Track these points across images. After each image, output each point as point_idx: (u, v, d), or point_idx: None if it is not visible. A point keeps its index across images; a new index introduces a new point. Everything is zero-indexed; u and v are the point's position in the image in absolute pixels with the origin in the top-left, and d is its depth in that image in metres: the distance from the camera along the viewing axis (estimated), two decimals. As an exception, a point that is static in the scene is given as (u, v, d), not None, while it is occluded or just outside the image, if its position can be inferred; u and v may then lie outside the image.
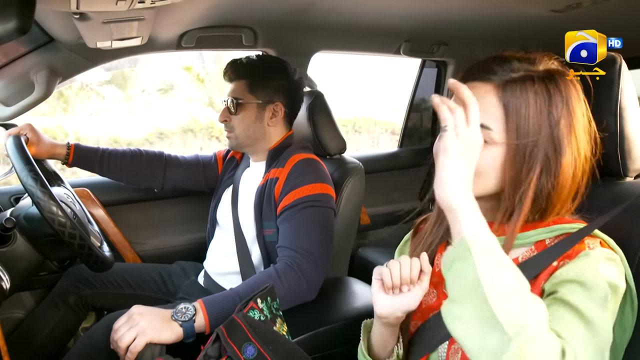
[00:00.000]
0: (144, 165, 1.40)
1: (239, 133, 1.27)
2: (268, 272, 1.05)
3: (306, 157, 1.22)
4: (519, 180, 0.65)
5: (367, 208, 2.02)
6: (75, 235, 0.94)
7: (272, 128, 1.28)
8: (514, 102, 0.65)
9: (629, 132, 0.78)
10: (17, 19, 0.56)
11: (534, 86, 0.65)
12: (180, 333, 0.90)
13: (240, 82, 1.27)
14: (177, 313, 0.92)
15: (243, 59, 1.30)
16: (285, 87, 1.29)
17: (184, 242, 1.66)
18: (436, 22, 1.52)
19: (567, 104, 0.65)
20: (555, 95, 0.65)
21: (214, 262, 1.33)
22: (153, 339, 0.86)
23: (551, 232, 0.67)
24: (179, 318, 0.91)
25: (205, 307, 0.94)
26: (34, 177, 0.93)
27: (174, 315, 0.91)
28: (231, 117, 1.27)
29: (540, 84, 0.65)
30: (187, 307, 0.93)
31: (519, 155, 0.65)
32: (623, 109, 0.78)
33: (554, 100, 0.65)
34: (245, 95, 1.26)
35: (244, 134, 1.27)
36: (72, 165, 1.33)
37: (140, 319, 0.88)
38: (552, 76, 0.66)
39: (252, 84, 1.26)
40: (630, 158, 0.79)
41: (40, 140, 1.23)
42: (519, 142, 0.64)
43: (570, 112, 0.65)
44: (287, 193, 1.15)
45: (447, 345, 0.71)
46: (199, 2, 1.14)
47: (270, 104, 1.27)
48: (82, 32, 1.04)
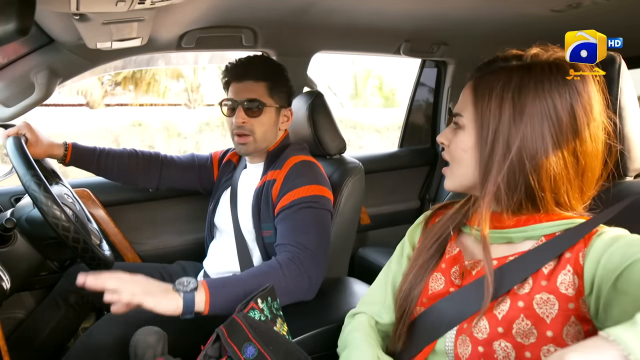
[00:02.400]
0: (140, 166, 1.40)
1: (258, 137, 1.24)
2: (270, 263, 1.04)
3: (303, 159, 1.22)
4: (487, 166, 0.66)
5: (367, 208, 2.02)
6: (78, 239, 0.95)
7: (280, 132, 1.30)
8: (482, 90, 0.68)
9: (628, 132, 0.78)
10: (17, 20, 0.57)
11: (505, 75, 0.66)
12: (180, 306, 0.87)
13: (259, 84, 1.22)
14: (179, 284, 0.90)
15: (259, 59, 1.27)
16: (290, 92, 1.30)
17: (184, 242, 1.66)
18: (436, 22, 1.52)
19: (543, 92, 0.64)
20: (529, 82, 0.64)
21: (214, 263, 1.33)
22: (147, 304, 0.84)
23: (558, 226, 0.66)
24: (180, 289, 0.89)
25: (207, 286, 0.93)
26: (37, 182, 0.93)
27: (175, 286, 0.90)
28: (250, 120, 1.22)
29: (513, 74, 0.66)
30: (190, 280, 0.91)
31: (483, 140, 0.67)
32: (623, 109, 0.78)
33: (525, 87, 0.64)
34: (266, 98, 1.23)
35: (262, 138, 1.25)
36: (69, 165, 1.33)
37: (139, 282, 0.87)
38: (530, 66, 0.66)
39: (272, 87, 1.23)
40: (630, 158, 0.79)
41: (38, 140, 1.23)
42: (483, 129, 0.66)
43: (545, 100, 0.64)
44: (284, 194, 1.15)
45: (455, 335, 0.69)
46: (199, 2, 1.14)
47: (284, 108, 1.28)
48: (82, 33, 1.04)
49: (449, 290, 0.73)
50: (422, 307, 0.75)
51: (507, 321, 0.64)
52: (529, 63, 0.67)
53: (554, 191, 0.65)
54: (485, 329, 0.65)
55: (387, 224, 2.11)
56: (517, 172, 0.65)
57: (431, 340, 0.72)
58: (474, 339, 0.66)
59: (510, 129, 0.65)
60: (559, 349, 0.60)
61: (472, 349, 0.66)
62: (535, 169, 0.64)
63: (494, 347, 0.64)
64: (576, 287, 0.61)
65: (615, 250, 0.58)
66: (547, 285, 0.63)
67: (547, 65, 0.66)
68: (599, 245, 0.60)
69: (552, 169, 0.64)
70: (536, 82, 0.64)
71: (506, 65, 0.68)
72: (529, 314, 0.63)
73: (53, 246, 1.05)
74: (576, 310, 0.61)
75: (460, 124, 0.71)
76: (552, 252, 0.64)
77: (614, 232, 0.62)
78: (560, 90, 0.64)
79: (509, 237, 0.69)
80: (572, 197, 0.67)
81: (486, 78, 0.68)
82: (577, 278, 0.61)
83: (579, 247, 0.62)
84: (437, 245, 0.78)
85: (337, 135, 1.44)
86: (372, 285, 0.90)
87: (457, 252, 0.76)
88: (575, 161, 0.65)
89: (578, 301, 0.61)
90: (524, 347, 0.62)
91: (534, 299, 0.63)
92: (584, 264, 0.61)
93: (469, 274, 0.72)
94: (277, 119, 1.26)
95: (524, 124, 0.64)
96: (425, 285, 0.76)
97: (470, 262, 0.72)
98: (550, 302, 0.62)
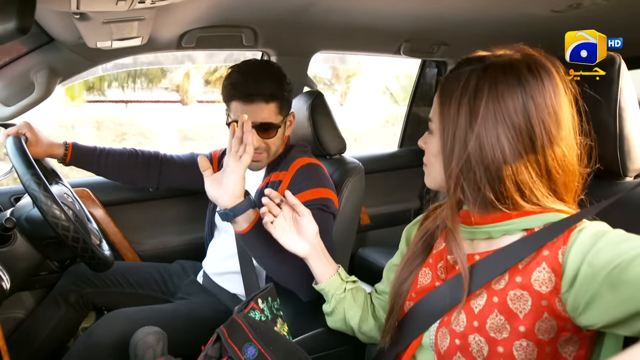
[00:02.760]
0: (140, 165, 1.40)
1: (272, 152, 1.23)
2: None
3: (309, 161, 1.23)
4: (447, 169, 0.68)
5: (367, 208, 2.02)
6: (78, 238, 0.95)
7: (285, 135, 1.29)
8: (444, 96, 0.68)
9: (628, 132, 0.78)
10: (17, 19, 0.57)
11: (465, 79, 0.66)
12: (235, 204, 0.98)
13: (269, 105, 1.17)
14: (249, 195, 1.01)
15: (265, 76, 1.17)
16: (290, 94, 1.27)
17: (184, 241, 1.66)
18: (436, 22, 1.52)
19: (496, 94, 0.63)
20: (484, 85, 0.64)
21: (214, 263, 1.33)
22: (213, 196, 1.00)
23: (538, 220, 0.66)
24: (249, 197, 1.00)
25: (255, 224, 1.01)
26: (36, 181, 0.93)
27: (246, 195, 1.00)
28: (266, 142, 1.21)
29: (471, 77, 0.65)
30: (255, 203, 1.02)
31: (444, 144, 0.68)
32: (622, 109, 0.78)
33: (480, 91, 0.64)
34: (277, 117, 1.20)
35: (275, 151, 1.24)
36: (70, 164, 1.32)
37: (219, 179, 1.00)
38: (486, 68, 0.65)
39: (281, 105, 1.20)
40: (630, 158, 0.79)
41: (38, 140, 1.23)
42: (444, 134, 0.67)
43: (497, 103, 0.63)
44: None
45: (436, 328, 0.71)
46: (199, 2, 1.14)
47: (287, 116, 1.26)
48: (83, 32, 1.04)
49: (435, 284, 0.74)
50: (412, 302, 0.76)
51: (482, 316, 0.65)
52: (486, 65, 0.66)
53: (519, 190, 0.64)
54: (462, 322, 0.67)
55: (387, 224, 2.11)
56: (478, 174, 0.64)
57: (418, 334, 0.73)
58: (452, 332, 0.68)
59: (466, 133, 0.65)
60: (531, 343, 0.61)
61: (450, 341, 0.68)
62: (494, 170, 0.64)
63: (469, 340, 0.65)
64: (552, 285, 0.61)
65: (603, 246, 0.57)
66: (521, 281, 0.63)
67: (500, 67, 0.65)
68: (582, 241, 0.59)
69: (512, 169, 0.63)
70: (490, 84, 0.64)
71: (468, 68, 0.67)
72: (503, 310, 0.63)
73: (53, 246, 1.05)
74: (549, 307, 0.61)
75: (430, 130, 0.73)
76: (531, 246, 0.64)
77: (597, 227, 0.61)
78: (513, 93, 0.63)
79: (488, 231, 0.69)
80: (543, 195, 0.65)
81: (449, 82, 0.69)
82: (554, 276, 0.61)
83: (558, 245, 0.62)
84: (425, 241, 0.80)
85: (337, 135, 1.44)
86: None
87: (442, 248, 0.77)
88: (535, 162, 0.64)
89: (553, 298, 0.60)
90: (497, 341, 0.63)
91: (508, 295, 0.63)
92: (565, 261, 0.60)
93: (453, 269, 0.73)
94: (283, 129, 1.25)
95: (479, 127, 0.64)
96: (414, 280, 0.78)
97: (452, 257, 0.74)
98: (524, 298, 0.62)
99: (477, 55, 0.69)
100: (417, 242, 0.82)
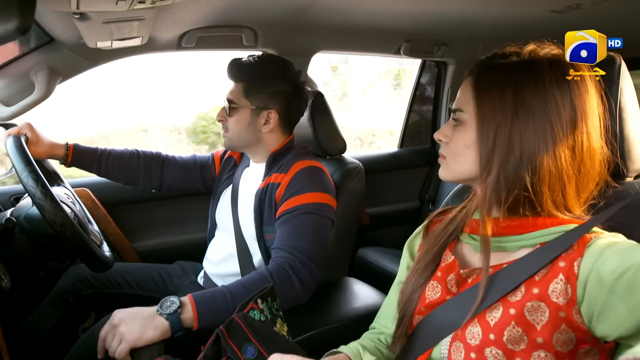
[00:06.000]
0: (141, 166, 1.40)
1: (233, 135, 1.26)
2: (261, 271, 1.05)
3: (310, 164, 1.21)
4: (488, 160, 0.67)
5: (367, 208, 2.02)
6: (76, 236, 0.95)
7: (269, 134, 1.25)
8: (483, 85, 0.68)
9: (628, 133, 0.78)
10: (17, 19, 0.57)
11: (506, 70, 0.67)
12: (167, 327, 0.89)
13: (237, 85, 1.24)
14: (162, 307, 0.92)
15: (244, 60, 1.24)
16: (282, 94, 1.23)
17: (184, 242, 1.66)
18: (436, 22, 1.53)
19: (544, 87, 0.64)
20: (530, 77, 0.65)
21: (214, 263, 1.33)
22: (136, 343, 0.86)
23: (553, 234, 0.66)
24: (164, 312, 0.91)
25: (194, 301, 0.95)
26: (34, 178, 0.93)
27: (159, 310, 0.91)
28: (227, 118, 1.25)
29: (513, 69, 0.66)
30: (173, 301, 0.93)
31: (484, 134, 0.67)
32: (622, 109, 0.78)
33: (529, 80, 0.65)
34: (240, 99, 1.23)
35: (237, 137, 1.26)
36: (71, 165, 1.32)
37: (120, 324, 0.88)
38: (529, 62, 0.67)
39: (247, 89, 1.23)
40: (630, 158, 0.79)
41: (39, 140, 1.23)
42: (484, 124, 0.67)
43: (544, 101, 0.64)
44: (287, 198, 1.15)
45: (449, 342, 0.70)
46: (199, 2, 1.14)
47: (264, 110, 1.22)
48: (83, 32, 1.04)
49: (445, 298, 0.73)
50: (420, 316, 0.75)
51: (499, 328, 0.64)
52: (527, 59, 0.68)
53: (550, 188, 0.65)
54: (478, 335, 0.66)
55: (387, 224, 2.11)
56: (518, 166, 0.65)
57: (427, 348, 0.72)
58: (467, 345, 0.67)
59: (512, 123, 0.65)
60: (549, 354, 0.61)
61: (465, 355, 0.67)
62: (534, 163, 0.64)
63: (485, 353, 0.64)
64: (569, 297, 0.61)
65: (609, 255, 0.58)
66: (538, 293, 0.63)
67: (546, 62, 0.66)
68: (593, 251, 0.60)
69: (550, 163, 0.64)
70: (536, 77, 0.65)
71: (506, 61, 0.69)
72: (520, 321, 0.63)
73: (52, 245, 1.04)
74: (567, 319, 0.61)
75: (461, 120, 0.71)
76: (545, 258, 0.64)
77: (609, 239, 0.62)
78: (560, 86, 0.65)
79: (503, 245, 0.69)
80: (569, 196, 0.66)
81: (487, 73, 0.69)
82: (570, 287, 0.61)
83: (574, 256, 0.62)
84: (435, 253, 0.78)
85: (337, 135, 1.44)
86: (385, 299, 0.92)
87: (452, 261, 0.76)
88: (572, 156, 0.65)
89: (570, 310, 0.60)
90: (515, 353, 0.63)
91: (525, 306, 0.63)
92: (579, 272, 0.60)
93: (465, 282, 0.72)
94: (253, 120, 1.23)
95: (525, 117, 0.64)
96: (422, 294, 0.76)
97: (465, 271, 0.73)
98: (541, 309, 0.62)
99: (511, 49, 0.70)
100: (426, 253, 0.79)
